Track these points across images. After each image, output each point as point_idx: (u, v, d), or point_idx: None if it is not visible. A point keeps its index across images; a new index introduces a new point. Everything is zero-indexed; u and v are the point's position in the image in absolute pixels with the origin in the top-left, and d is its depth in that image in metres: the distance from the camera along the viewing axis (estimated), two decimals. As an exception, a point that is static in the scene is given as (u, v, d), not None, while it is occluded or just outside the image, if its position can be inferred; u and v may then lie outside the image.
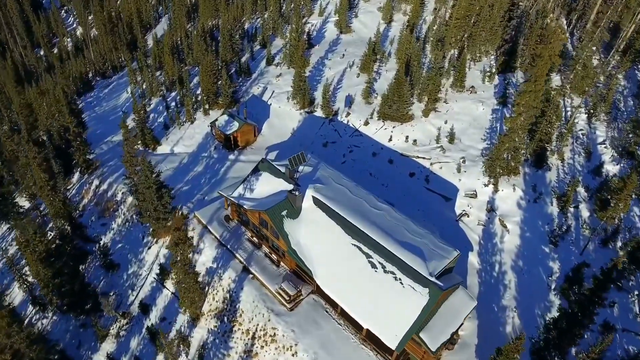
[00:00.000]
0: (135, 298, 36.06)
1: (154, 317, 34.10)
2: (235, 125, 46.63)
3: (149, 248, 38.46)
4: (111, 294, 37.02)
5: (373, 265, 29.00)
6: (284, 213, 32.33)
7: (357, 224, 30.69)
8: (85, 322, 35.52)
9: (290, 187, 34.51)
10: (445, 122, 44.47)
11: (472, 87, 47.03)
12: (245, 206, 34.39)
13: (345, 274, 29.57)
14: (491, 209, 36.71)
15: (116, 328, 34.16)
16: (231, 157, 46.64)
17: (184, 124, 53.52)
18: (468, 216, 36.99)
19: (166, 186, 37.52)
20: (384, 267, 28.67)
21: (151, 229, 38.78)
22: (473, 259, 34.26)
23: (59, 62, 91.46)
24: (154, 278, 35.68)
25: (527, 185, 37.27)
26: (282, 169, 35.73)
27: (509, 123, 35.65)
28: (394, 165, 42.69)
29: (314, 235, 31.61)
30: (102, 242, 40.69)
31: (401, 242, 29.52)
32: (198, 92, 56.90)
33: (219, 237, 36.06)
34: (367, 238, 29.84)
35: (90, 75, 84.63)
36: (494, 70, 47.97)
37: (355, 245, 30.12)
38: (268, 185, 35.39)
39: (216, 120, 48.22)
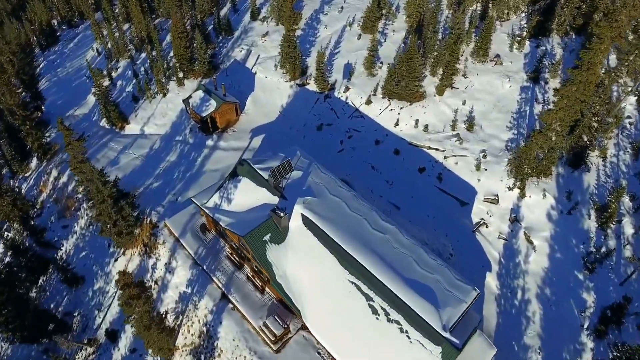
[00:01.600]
0: (102, 320, 31.75)
1: (123, 346, 30.01)
2: (213, 104, 39.22)
3: (116, 260, 33.37)
4: (75, 313, 32.68)
5: (374, 311, 23.97)
6: (266, 238, 26.66)
7: (355, 255, 25.16)
8: (48, 346, 31.58)
9: (274, 199, 28.58)
10: (464, 103, 37.07)
11: (497, 55, 38.80)
12: (221, 223, 28.69)
13: (340, 318, 24.62)
14: (515, 219, 30.99)
15: (81, 358, 30.27)
16: (209, 142, 39.86)
17: (155, 97, 45.88)
18: (487, 227, 31.38)
19: (126, 195, 31.48)
20: (387, 314, 23.65)
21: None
22: (491, 281, 29.27)
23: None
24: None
25: (560, 191, 31.17)
26: (266, 175, 29.49)
27: (545, 117, 28.64)
28: (400, 158, 36.14)
29: (304, 265, 26.22)
30: (63, 250, 35.62)
31: (409, 281, 24.21)
32: (171, 54, 48.37)
33: (193, 255, 30.80)
34: (367, 274, 24.50)
35: (55, 23, 74.16)
36: (524, 33, 39.38)
37: (353, 282, 24.84)
38: (249, 196, 29.33)
39: (190, 97, 40.65)
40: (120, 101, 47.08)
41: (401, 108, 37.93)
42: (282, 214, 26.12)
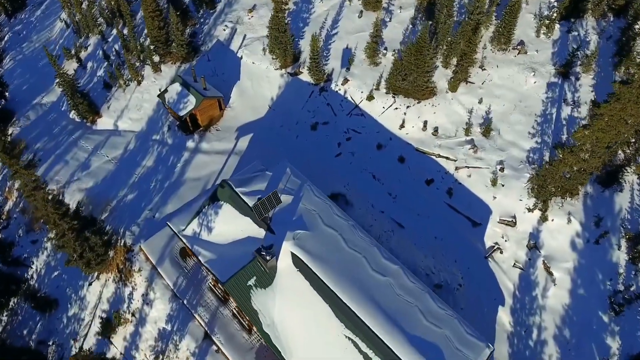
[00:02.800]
0: (78, 351, 29.30)
1: (101, 382, 27.80)
2: (192, 101, 34.23)
3: (90, 284, 30.30)
4: (50, 342, 30.16)
5: (374, 374, 21.23)
6: (251, 282, 23.27)
7: (352, 305, 21.83)
8: (22, 379, 29.37)
9: (260, 231, 24.90)
10: (480, 101, 32.15)
11: (521, 43, 33.19)
12: (201, 258, 25.22)
13: (335, 379, 21.98)
14: (534, 245, 27.45)
15: (57, 394, 28.18)
16: (190, 143, 35.34)
17: (129, 84, 40.59)
18: (501, 252, 27.94)
19: (93, 222, 27.68)
20: (388, 379, 20.92)
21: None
22: (504, 316, 26.32)
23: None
24: (97, 333, 28.39)
25: (587, 215, 27.35)
26: (250, 201, 25.55)
27: (578, 137, 24.13)
28: (405, 166, 31.89)
29: (294, 314, 23.02)
30: (33, 268, 32.49)
31: (413, 339, 21.08)
32: (146, 31, 42.34)
33: (172, 286, 27.65)
34: (365, 330, 21.40)
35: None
36: (554, 15, 33.48)
37: (349, 338, 21.78)
38: (231, 226, 25.60)
39: (165, 91, 35.51)
40: (91, 88, 41.81)
41: (407, 107, 33.05)
42: (268, 257, 22.61)
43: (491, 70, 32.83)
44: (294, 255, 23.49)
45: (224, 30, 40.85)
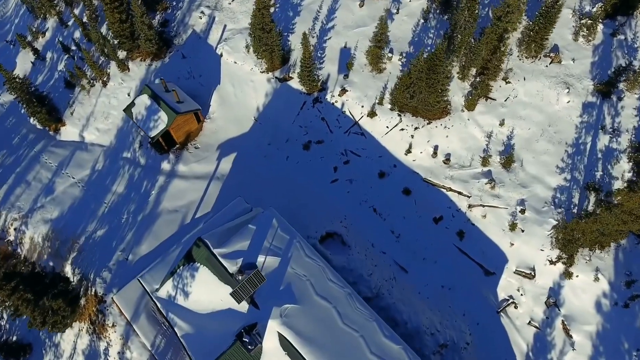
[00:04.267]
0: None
1: None
2: (163, 119, 29.23)
3: (63, 331, 27.80)
4: (25, 392, 28.34)
5: None
6: (233, 369, 20.54)
7: (348, 399, 19.37)
8: None
9: (243, 304, 21.62)
10: (501, 123, 27.25)
11: (555, 49, 27.47)
12: (177, 330, 22.21)
13: None
14: (554, 303, 24.27)
15: None
16: (165, 165, 30.90)
17: (94, 84, 35.09)
18: (516, 307, 24.86)
19: (56, 279, 24.20)
20: None
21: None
22: (514, 380, 24.06)
23: None
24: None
25: (618, 272, 23.85)
26: (230, 266, 21.98)
27: (624, 199, 19.92)
28: (411, 199, 27.81)
29: (282, 405, 20.59)
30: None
31: None
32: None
33: (149, 347, 24.94)
34: None
35: None
36: (597, 12, 27.35)
37: None
38: (210, 293, 22.19)
39: (132, 104, 30.29)
40: (52, 87, 36.40)
41: (415, 128, 28.20)
42: (251, 347, 19.58)
43: (517, 83, 27.55)
44: (281, 336, 20.41)
45: (200, 18, 34.48)
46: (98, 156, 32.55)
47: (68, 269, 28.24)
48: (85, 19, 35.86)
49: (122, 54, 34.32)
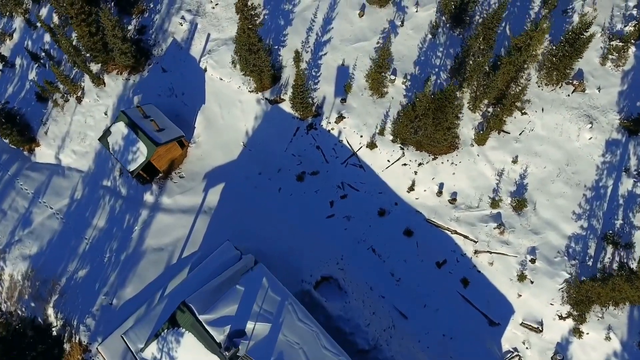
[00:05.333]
0: None
1: None
2: (143, 150, 26.53)
3: (49, 375, 26.90)
4: None
5: None
6: None
7: None
8: None
9: (233, 376, 20.29)
10: (514, 161, 24.64)
11: (580, 74, 24.23)
12: (162, 399, 21.09)
13: None
14: (561, 359, 23.05)
15: None
16: (148, 197, 28.60)
17: (68, 99, 32.00)
18: (521, 361, 23.78)
19: (34, 344, 22.62)
20: None
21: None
22: None
23: None
24: None
25: (632, 332, 22.22)
26: (217, 335, 20.41)
27: (651, 274, 17.98)
28: (413, 241, 25.75)
29: None
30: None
31: None
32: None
33: (137, 401, 24.08)
34: None
35: None
36: (630, 32, 23.81)
37: None
38: (196, 361, 20.97)
39: (108, 133, 27.45)
40: (23, 100, 33.26)
41: (419, 164, 25.64)
42: None
43: (534, 115, 24.66)
44: (272, 414, 19.36)
45: (181, 24, 30.74)
46: (76, 183, 30.23)
47: (50, 312, 26.86)
48: (55, 21, 32.05)
49: (96, 67, 31.01)
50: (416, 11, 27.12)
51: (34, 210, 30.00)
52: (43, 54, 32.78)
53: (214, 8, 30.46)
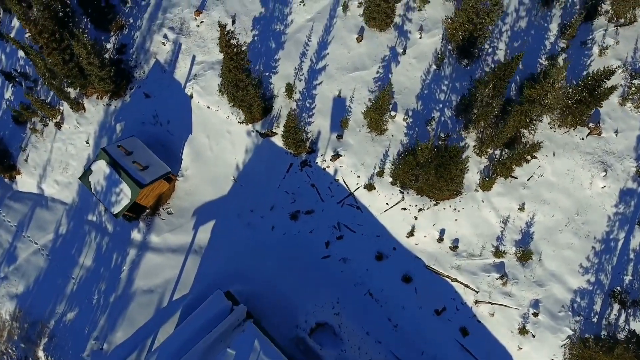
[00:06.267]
0: None
1: None
2: (127, 192, 24.88)
3: (44, 415, 26.79)
4: None
5: None
6: None
7: None
8: None
9: None
10: (521, 208, 23.09)
11: (596, 116, 22.18)
12: None
13: None
14: (560, 416, 22.69)
15: None
16: (135, 235, 27.26)
17: (47, 124, 29.99)
18: (518, 414, 23.39)
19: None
20: None
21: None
22: None
23: None
24: None
25: (635, 392, 21.81)
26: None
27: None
28: (411, 287, 24.64)
29: None
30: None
31: None
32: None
33: None
34: None
35: None
36: (657, 68, 21.68)
37: None
38: None
39: (89, 171, 25.70)
40: (0, 123, 31.31)
41: (420, 209, 24.11)
42: None
43: (544, 159, 22.88)
44: None
45: (164, 44, 28.17)
46: (60, 217, 28.88)
47: (41, 355, 26.37)
48: (28, 36, 29.42)
49: (74, 91, 28.79)
50: (420, 37, 24.65)
51: (18, 245, 28.85)
52: (16, 73, 30.42)
53: (198, 26, 27.83)
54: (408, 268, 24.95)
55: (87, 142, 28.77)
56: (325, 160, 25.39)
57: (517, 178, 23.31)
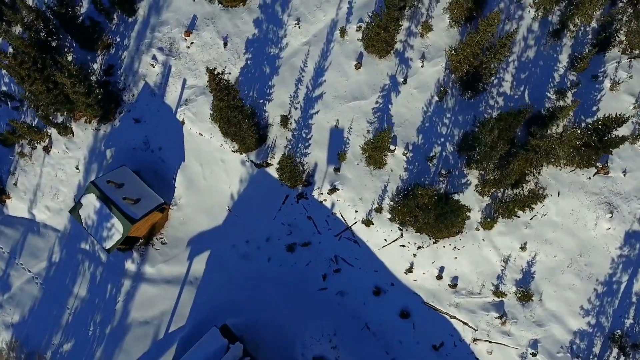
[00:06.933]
0: None
1: None
2: (118, 227, 24.15)
3: None
4: None
5: None
6: None
7: None
8: None
9: None
10: (523, 247, 22.45)
11: (605, 156, 21.19)
12: None
13: None
14: None
15: None
16: (129, 265, 26.76)
17: (35, 147, 28.99)
18: None
19: None
20: None
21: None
22: None
23: None
24: None
25: None
26: None
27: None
28: (409, 323, 24.34)
29: None
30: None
31: None
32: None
33: None
34: None
35: None
36: (671, 106, 20.51)
37: None
38: None
39: (79, 205, 24.91)
40: (-15, 147, 30.30)
41: (419, 247, 23.49)
42: None
43: (548, 198, 21.95)
44: None
45: (153, 66, 26.79)
46: (53, 244, 28.34)
47: (39, 385, 26.57)
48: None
49: (60, 117, 27.64)
50: (422, 66, 23.33)
51: (11, 272, 28.47)
52: (0, 93, 29.20)
53: (188, 47, 26.38)
54: (406, 303, 24.60)
55: (77, 168, 27.89)
56: (322, 194, 24.59)
57: (519, 217, 22.52)
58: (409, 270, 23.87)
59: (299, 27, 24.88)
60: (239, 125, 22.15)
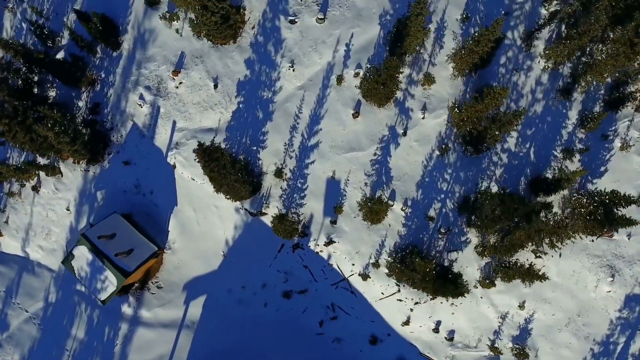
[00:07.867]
0: None
1: None
2: (112, 280, 23.79)
3: None
4: None
5: None
6: None
7: None
8: None
9: None
10: (521, 306, 22.10)
11: (610, 226, 20.44)
12: None
13: None
14: None
15: None
16: (126, 309, 26.59)
17: (24, 184, 28.12)
18: None
19: None
20: None
21: None
22: None
23: None
24: None
25: None
26: None
27: None
28: (405, 371, 24.68)
29: None
30: None
31: None
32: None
33: None
34: None
35: None
36: (683, 171, 19.49)
37: None
38: None
39: (71, 256, 24.33)
40: (-27, 181, 29.41)
41: (416, 303, 23.17)
42: None
43: (549, 259, 21.51)
44: None
45: (141, 106, 25.45)
46: (48, 285, 28.08)
47: None
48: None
49: (45, 159, 26.59)
50: (422, 117, 22.08)
51: (9, 312, 28.43)
52: (-16, 128, 28.00)
53: (177, 87, 24.94)
54: (402, 353, 24.63)
55: (68, 209, 27.20)
56: (318, 245, 24.06)
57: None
58: (406, 322, 23.74)
59: (293, 70, 23.38)
60: (232, 185, 21.29)
